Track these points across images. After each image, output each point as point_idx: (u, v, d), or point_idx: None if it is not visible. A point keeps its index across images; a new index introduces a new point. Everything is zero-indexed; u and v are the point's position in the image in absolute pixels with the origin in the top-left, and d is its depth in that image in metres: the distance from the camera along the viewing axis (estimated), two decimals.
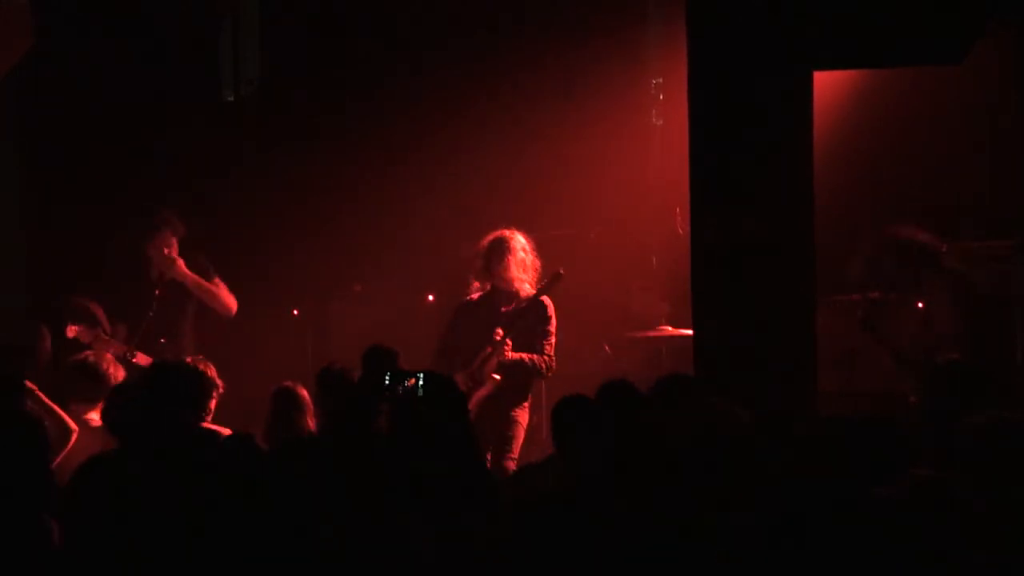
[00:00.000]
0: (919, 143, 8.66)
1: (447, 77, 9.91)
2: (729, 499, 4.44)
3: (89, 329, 8.15)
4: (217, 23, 10.42)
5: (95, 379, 6.91)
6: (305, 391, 6.71)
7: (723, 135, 6.85)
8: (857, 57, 7.04)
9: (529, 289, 8.00)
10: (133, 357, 8.05)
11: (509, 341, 7.82)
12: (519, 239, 8.03)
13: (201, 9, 10.31)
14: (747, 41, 6.75)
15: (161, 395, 5.98)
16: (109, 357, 7.19)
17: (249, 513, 4.24)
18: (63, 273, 9.51)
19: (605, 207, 9.72)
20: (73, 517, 4.43)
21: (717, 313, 6.87)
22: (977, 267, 7.61)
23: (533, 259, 8.05)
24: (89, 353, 7.25)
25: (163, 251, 8.53)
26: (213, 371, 7.00)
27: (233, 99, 10.44)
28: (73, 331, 8.14)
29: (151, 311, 8.36)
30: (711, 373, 6.69)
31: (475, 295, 8.14)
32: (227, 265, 9.02)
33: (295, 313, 9.96)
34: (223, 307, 8.65)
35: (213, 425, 6.47)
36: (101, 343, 8.03)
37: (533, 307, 7.95)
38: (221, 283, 8.65)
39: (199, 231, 9.02)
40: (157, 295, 8.44)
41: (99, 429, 6.34)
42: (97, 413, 6.51)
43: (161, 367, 7.03)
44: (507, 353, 7.81)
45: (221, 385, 6.90)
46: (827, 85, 7.74)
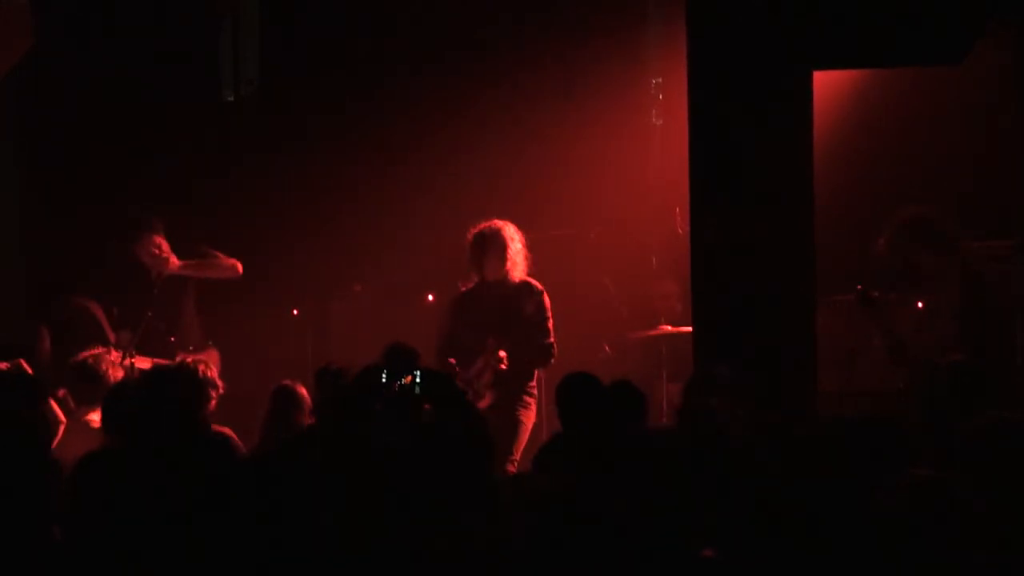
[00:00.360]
0: (919, 143, 8.65)
1: (447, 77, 9.91)
2: (729, 499, 4.43)
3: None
4: (217, 23, 10.41)
5: (95, 380, 6.91)
6: (304, 389, 6.71)
7: (723, 135, 6.85)
8: (857, 57, 7.05)
9: (520, 275, 8.00)
10: (132, 358, 8.05)
11: (503, 353, 7.81)
12: (509, 229, 8.02)
13: (201, 9, 10.30)
14: (747, 41, 6.75)
15: (155, 397, 5.96)
16: (109, 358, 7.19)
17: (245, 513, 4.23)
18: (63, 273, 9.51)
19: (605, 207, 9.72)
20: (71, 514, 4.43)
21: (717, 313, 6.87)
22: (994, 266, 7.58)
23: (523, 249, 8.05)
24: (89, 355, 7.25)
25: (153, 252, 8.55)
26: (215, 372, 7.01)
27: (233, 99, 10.44)
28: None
29: (150, 311, 8.37)
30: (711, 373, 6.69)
31: (466, 287, 8.13)
32: None
33: (295, 313, 9.96)
34: (231, 273, 8.73)
35: (215, 426, 6.48)
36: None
37: (527, 295, 7.95)
38: (216, 253, 8.69)
39: (199, 231, 9.03)
40: (156, 295, 8.45)
41: (99, 430, 6.33)
42: (98, 414, 6.51)
43: (156, 370, 7.04)
44: (502, 366, 7.82)
45: (222, 385, 6.90)
46: (827, 85, 7.74)
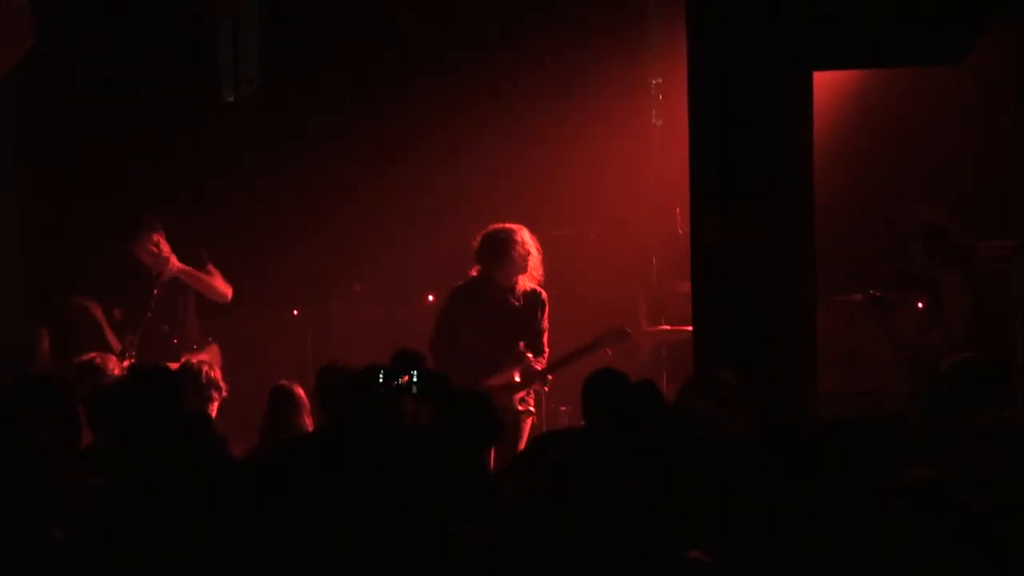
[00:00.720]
0: (919, 143, 8.65)
1: (447, 77, 9.90)
2: (729, 500, 4.43)
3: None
4: (217, 23, 10.42)
5: (96, 381, 6.91)
6: (302, 390, 6.70)
7: (723, 135, 6.85)
8: (857, 57, 7.04)
9: (527, 283, 7.96)
10: (131, 359, 8.05)
11: (538, 366, 7.85)
12: (525, 235, 7.95)
13: (201, 9, 10.30)
14: (747, 41, 6.75)
15: (139, 396, 5.87)
16: (112, 360, 7.20)
17: (245, 514, 4.23)
18: (63, 273, 9.51)
19: (605, 207, 9.71)
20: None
21: (717, 313, 6.87)
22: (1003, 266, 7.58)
23: (537, 255, 7.99)
24: (95, 355, 7.26)
25: (151, 251, 8.55)
26: (217, 372, 7.01)
27: (233, 99, 10.44)
28: None
29: (150, 312, 8.37)
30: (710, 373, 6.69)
31: (463, 283, 8.03)
32: (227, 265, 9.02)
33: (295, 313, 9.96)
34: (219, 296, 8.72)
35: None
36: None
37: (537, 305, 7.93)
38: (215, 270, 8.69)
39: (199, 231, 9.03)
40: (155, 295, 8.45)
41: None
42: None
43: (135, 369, 7.04)
44: (545, 388, 7.87)
45: (225, 388, 6.90)
46: (827, 85, 7.74)
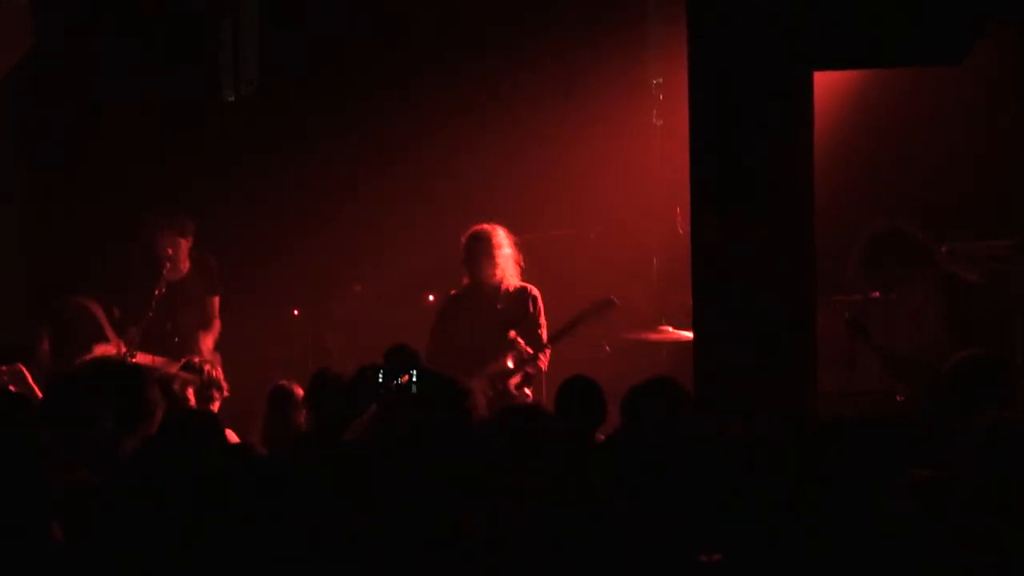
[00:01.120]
0: (919, 143, 8.65)
1: (447, 77, 9.90)
2: (729, 500, 4.43)
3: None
4: (217, 23, 10.42)
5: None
6: (302, 390, 6.71)
7: (723, 135, 6.84)
8: (857, 57, 7.04)
9: (513, 281, 8.06)
10: (132, 359, 8.06)
11: (531, 349, 7.85)
12: (499, 234, 8.06)
13: (201, 9, 10.30)
14: (747, 41, 6.74)
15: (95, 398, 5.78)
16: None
17: (244, 514, 4.23)
18: (63, 273, 9.51)
19: (605, 207, 9.71)
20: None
21: (717, 313, 6.87)
22: (977, 267, 7.58)
23: (514, 252, 8.09)
24: (98, 356, 7.27)
25: (167, 251, 8.59)
26: (219, 373, 7.02)
27: (233, 99, 10.44)
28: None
29: (150, 311, 8.37)
30: (711, 373, 6.69)
31: (456, 291, 8.18)
32: (227, 265, 9.03)
33: (295, 313, 9.96)
34: (204, 324, 8.75)
35: None
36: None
37: (523, 300, 8.00)
38: (215, 298, 8.79)
39: (199, 231, 9.03)
40: (157, 295, 8.45)
41: None
42: None
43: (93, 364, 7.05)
44: (541, 365, 7.87)
45: (226, 388, 6.91)
46: (827, 85, 7.73)
